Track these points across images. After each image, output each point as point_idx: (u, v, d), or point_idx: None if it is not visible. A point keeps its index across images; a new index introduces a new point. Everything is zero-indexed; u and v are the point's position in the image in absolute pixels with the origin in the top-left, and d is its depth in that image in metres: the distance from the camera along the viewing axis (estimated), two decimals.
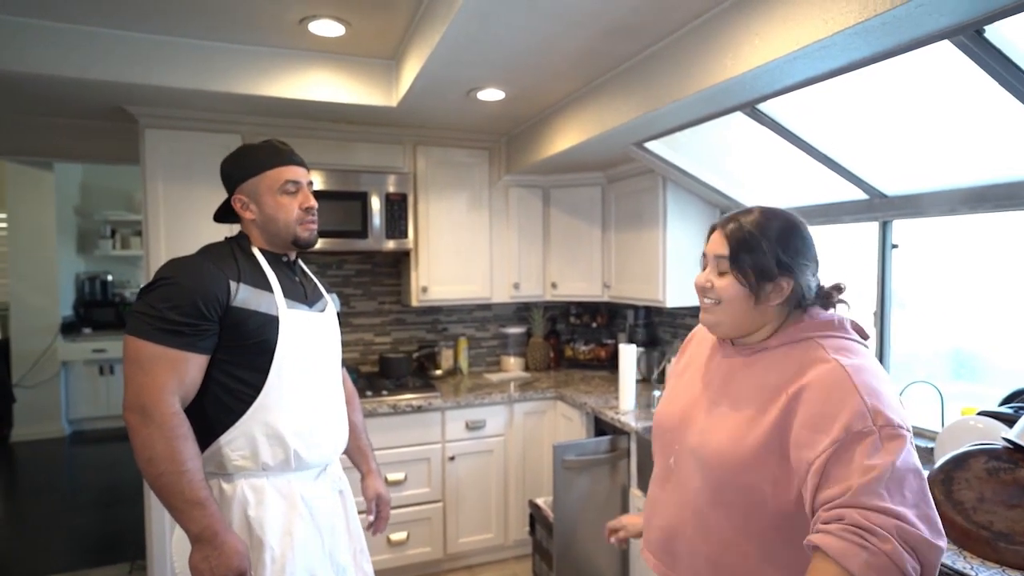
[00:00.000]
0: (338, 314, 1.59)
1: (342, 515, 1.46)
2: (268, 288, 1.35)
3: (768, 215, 1.04)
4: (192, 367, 1.24)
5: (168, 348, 1.21)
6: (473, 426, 2.80)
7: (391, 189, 2.84)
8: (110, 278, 5.59)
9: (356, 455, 1.65)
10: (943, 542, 0.80)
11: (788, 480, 0.93)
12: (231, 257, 1.36)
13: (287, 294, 1.39)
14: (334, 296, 1.61)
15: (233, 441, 1.28)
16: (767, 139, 2.00)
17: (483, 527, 2.87)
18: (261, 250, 1.42)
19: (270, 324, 1.32)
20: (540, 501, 2.59)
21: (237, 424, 1.28)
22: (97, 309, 5.37)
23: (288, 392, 1.33)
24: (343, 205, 2.76)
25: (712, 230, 1.11)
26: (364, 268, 3.20)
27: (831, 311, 1.07)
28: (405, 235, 2.86)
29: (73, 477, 4.34)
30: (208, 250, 1.38)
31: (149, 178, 2.54)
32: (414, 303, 3.01)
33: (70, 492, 3.98)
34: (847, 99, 1.69)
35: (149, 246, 2.54)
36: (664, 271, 2.68)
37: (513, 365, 3.41)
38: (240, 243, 1.42)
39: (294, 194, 1.41)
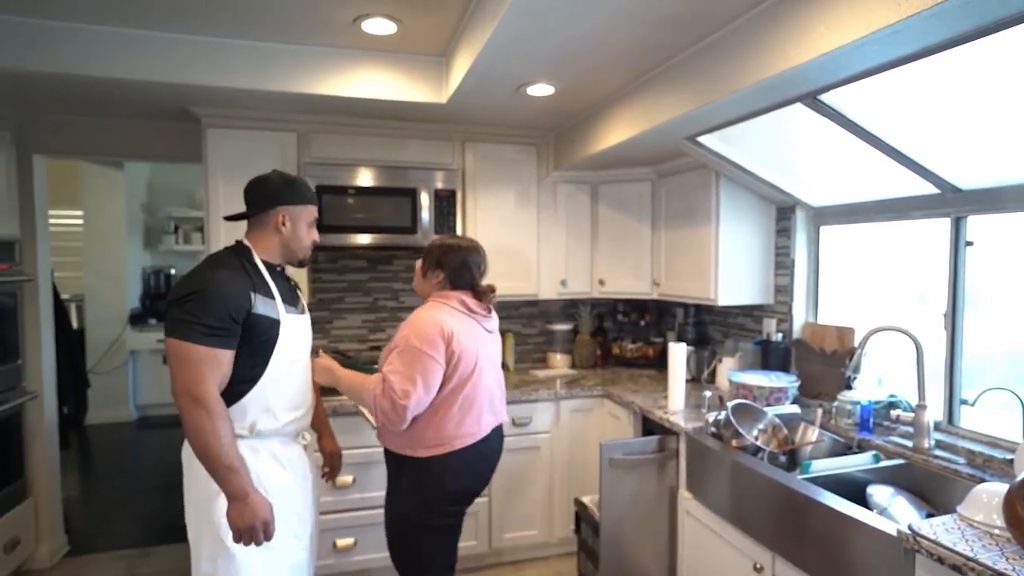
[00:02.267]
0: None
1: (313, 469, 1.78)
2: (272, 296, 1.63)
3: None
4: (225, 361, 1.51)
5: (210, 348, 1.48)
6: (520, 422, 2.80)
7: (440, 185, 2.86)
8: (173, 272, 5.87)
9: (315, 421, 1.91)
10: (400, 400, 1.71)
11: None
12: (242, 269, 1.61)
13: (283, 299, 1.66)
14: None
15: (236, 417, 1.55)
16: (829, 131, 1.91)
17: (528, 524, 2.87)
18: (263, 260, 1.68)
19: (274, 326, 1.61)
20: (586, 500, 2.57)
21: (240, 402, 1.56)
22: (161, 301, 5.65)
23: (282, 378, 1.63)
24: (393, 201, 2.80)
25: None
26: (412, 264, 3.24)
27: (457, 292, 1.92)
28: (453, 231, 2.87)
29: (139, 460, 4.59)
30: (221, 263, 1.61)
31: (211, 176, 2.64)
32: None
33: (137, 474, 4.21)
34: (917, 86, 1.59)
35: (210, 241, 2.65)
36: (716, 269, 2.61)
37: (560, 362, 3.39)
38: (244, 254, 1.66)
39: (312, 228, 1.76)
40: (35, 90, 2.42)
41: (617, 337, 3.56)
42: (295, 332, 1.67)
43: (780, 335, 2.63)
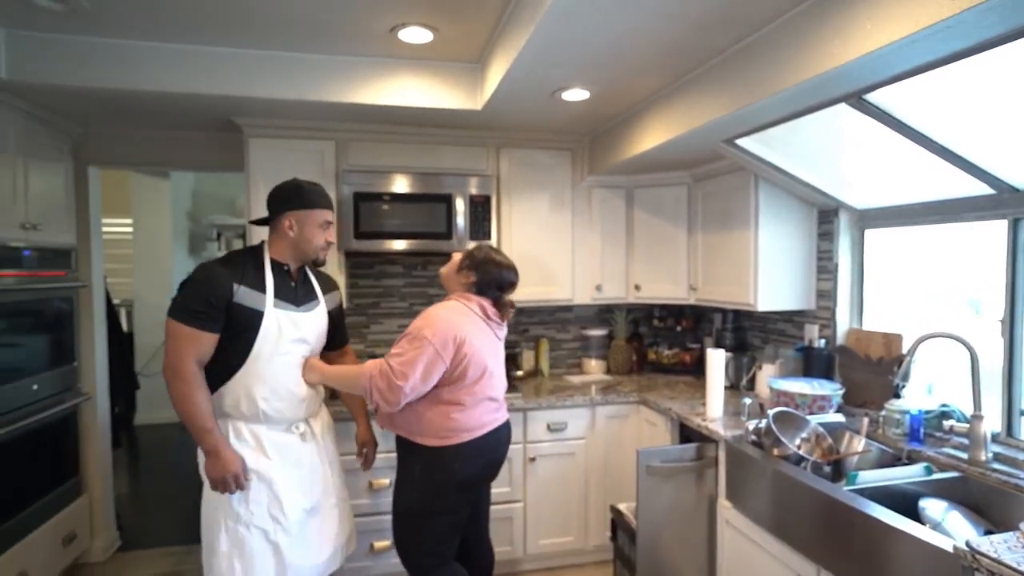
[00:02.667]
0: (332, 311, 2.05)
1: (311, 461, 1.91)
2: (263, 290, 1.82)
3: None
4: (205, 341, 1.75)
5: (191, 328, 1.73)
6: (554, 428, 2.78)
7: (474, 191, 2.88)
8: None
9: (354, 411, 2.23)
10: (397, 380, 1.82)
11: None
12: (241, 264, 1.84)
13: (278, 295, 1.85)
14: (334, 294, 2.09)
15: (224, 395, 1.80)
16: (875, 131, 1.85)
17: (563, 530, 2.85)
18: (272, 260, 1.88)
19: (256, 317, 1.79)
20: (622, 507, 2.54)
21: (227, 384, 1.80)
22: None
23: (263, 368, 1.81)
24: (428, 207, 2.83)
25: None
26: None
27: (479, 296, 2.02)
28: (488, 236, 2.89)
29: (183, 460, 4.73)
30: (229, 257, 1.88)
31: (252, 184, 2.72)
32: None
33: (181, 474, 4.34)
34: (969, 81, 1.53)
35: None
36: (756, 273, 2.55)
37: (594, 368, 3.37)
38: (255, 253, 1.90)
39: (325, 230, 1.93)
40: (91, 105, 2.53)
41: (653, 343, 3.52)
42: (282, 326, 1.83)
43: (823, 341, 2.55)
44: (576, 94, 2.37)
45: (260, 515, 1.80)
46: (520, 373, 3.27)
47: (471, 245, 2.90)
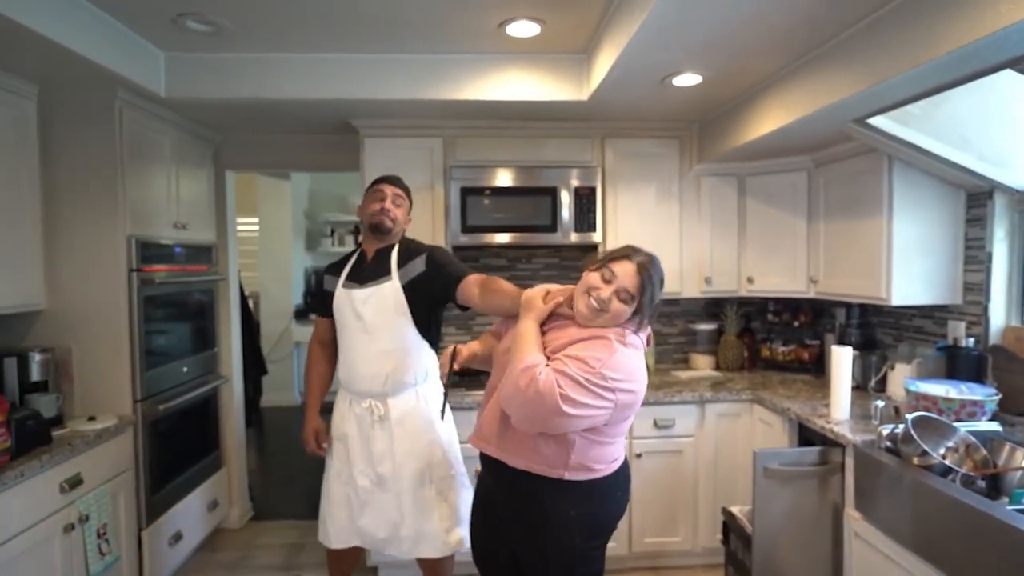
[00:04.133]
0: (416, 278, 2.03)
1: (382, 440, 2.04)
2: (339, 276, 2.11)
3: (661, 270, 1.51)
4: (320, 324, 2.22)
5: (315, 315, 2.25)
6: (661, 424, 2.71)
7: (579, 183, 2.86)
8: None
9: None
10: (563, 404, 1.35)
11: None
12: (341, 260, 2.18)
13: (349, 276, 2.09)
14: (415, 261, 2.04)
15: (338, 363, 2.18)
16: None
17: (670, 529, 2.77)
18: (363, 248, 2.14)
19: (331, 298, 2.10)
20: (735, 510, 2.43)
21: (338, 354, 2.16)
22: None
23: (342, 342, 2.11)
24: (532, 200, 2.85)
25: (623, 257, 1.51)
26: (552, 262, 3.27)
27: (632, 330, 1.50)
28: (593, 228, 2.86)
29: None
30: (350, 253, 2.20)
31: (367, 181, 2.85)
32: None
33: (302, 453, 4.69)
34: None
35: None
36: (889, 264, 2.33)
37: (703, 363, 3.24)
38: (358, 247, 2.19)
39: (377, 201, 2.07)
40: (231, 115, 2.79)
41: (766, 338, 3.32)
42: (343, 304, 2.06)
43: (972, 340, 2.29)
44: (687, 79, 2.28)
45: (338, 469, 2.12)
46: None
47: (574, 237, 2.89)
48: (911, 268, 2.33)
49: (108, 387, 2.38)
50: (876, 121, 2.09)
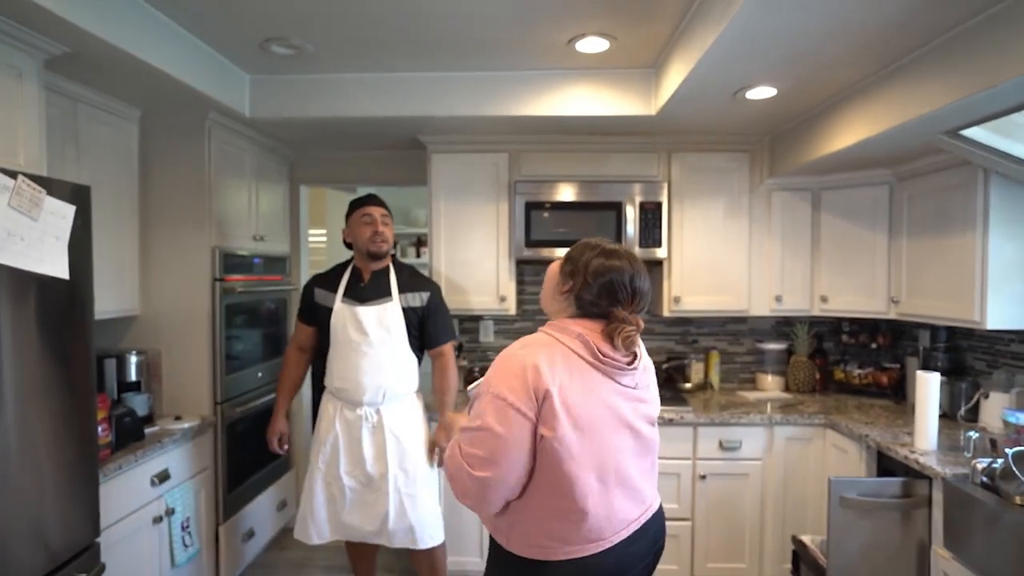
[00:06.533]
0: (415, 307, 2.29)
1: (373, 443, 2.20)
2: (335, 290, 2.26)
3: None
4: (302, 331, 2.40)
5: (298, 320, 2.42)
6: (727, 446, 2.62)
7: (644, 198, 2.82)
8: None
9: (437, 408, 2.39)
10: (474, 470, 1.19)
11: None
12: (332, 273, 2.35)
13: (346, 294, 2.25)
14: (419, 293, 2.30)
15: (326, 371, 2.28)
16: None
17: (735, 555, 2.67)
18: (355, 265, 2.31)
19: (327, 313, 2.25)
20: (807, 539, 2.32)
21: (327, 363, 2.27)
22: None
23: (336, 352, 2.24)
24: (597, 215, 2.83)
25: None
26: None
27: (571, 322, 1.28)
28: (659, 244, 2.82)
29: None
30: (330, 270, 2.39)
31: (434, 196, 2.93)
32: (665, 313, 2.95)
33: None
34: None
35: (432, 253, 2.95)
36: (984, 285, 2.18)
37: (771, 384, 3.12)
38: (350, 261, 2.35)
39: (369, 224, 2.24)
40: (307, 132, 2.92)
41: (840, 360, 3.17)
42: (346, 319, 2.21)
43: None
44: (761, 92, 2.22)
45: (322, 470, 2.23)
46: (688, 386, 3.13)
47: (639, 253, 2.85)
48: (1009, 289, 2.18)
49: (192, 389, 2.53)
50: (971, 132, 1.97)
